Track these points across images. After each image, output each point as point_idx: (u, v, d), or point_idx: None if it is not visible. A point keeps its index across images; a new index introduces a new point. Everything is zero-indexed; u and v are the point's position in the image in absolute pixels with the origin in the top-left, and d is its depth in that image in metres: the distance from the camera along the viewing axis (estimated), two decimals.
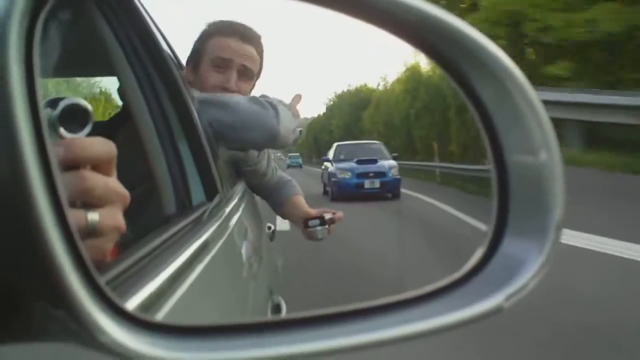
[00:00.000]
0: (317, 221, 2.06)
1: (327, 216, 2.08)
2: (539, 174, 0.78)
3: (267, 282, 1.70)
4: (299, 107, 2.06)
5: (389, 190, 9.52)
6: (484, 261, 0.81)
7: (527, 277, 0.74)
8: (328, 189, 10.28)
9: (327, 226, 2.07)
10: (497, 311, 0.72)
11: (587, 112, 17.87)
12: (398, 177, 9.53)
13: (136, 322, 0.63)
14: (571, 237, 7.60)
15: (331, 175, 10.06)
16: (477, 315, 0.71)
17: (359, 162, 9.71)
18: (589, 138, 19.89)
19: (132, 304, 0.68)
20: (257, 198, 2.22)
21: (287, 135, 1.94)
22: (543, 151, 0.77)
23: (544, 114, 0.76)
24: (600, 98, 18.46)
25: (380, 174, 9.57)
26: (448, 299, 0.75)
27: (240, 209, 1.66)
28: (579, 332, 4.61)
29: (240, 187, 1.78)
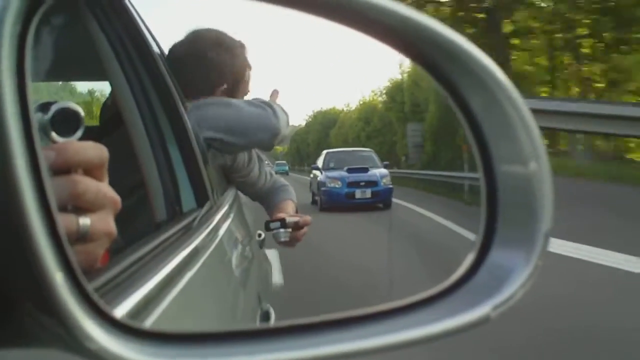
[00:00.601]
0: (277, 223, 2.05)
1: (291, 219, 2.06)
2: (528, 184, 0.78)
3: (256, 290, 1.70)
4: (278, 101, 2.11)
5: (380, 200, 9.22)
6: (472, 270, 0.81)
7: (514, 287, 0.74)
8: (317, 198, 9.90)
9: (289, 230, 2.05)
10: (484, 321, 0.72)
11: None
12: (390, 186, 9.30)
13: (124, 329, 0.62)
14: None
15: (320, 184, 9.70)
16: (464, 325, 0.71)
17: (350, 170, 9.47)
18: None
19: (120, 311, 0.68)
20: (249, 205, 2.23)
21: (285, 133, 1.98)
22: (532, 161, 0.77)
23: (533, 124, 0.77)
24: None
25: (371, 183, 9.33)
26: (435, 308, 0.75)
27: (231, 216, 1.66)
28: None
29: (230, 194, 1.78)
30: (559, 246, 7.51)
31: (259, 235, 2.23)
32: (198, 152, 1.55)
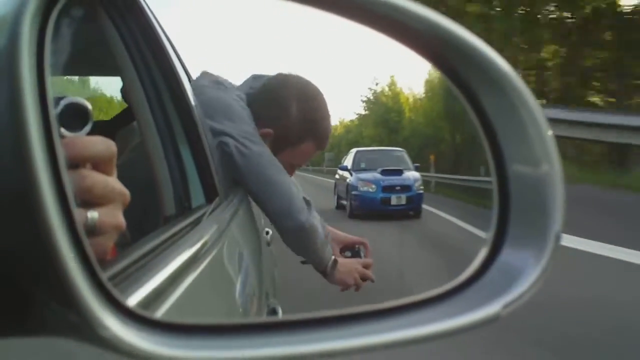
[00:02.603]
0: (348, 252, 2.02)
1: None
2: (539, 185, 0.79)
3: (264, 286, 1.70)
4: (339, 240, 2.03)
5: (413, 207, 8.33)
6: (482, 269, 0.81)
7: (525, 286, 0.75)
8: (344, 202, 8.84)
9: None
10: (494, 319, 0.73)
11: None
12: (421, 191, 8.32)
13: (137, 318, 0.63)
14: None
15: (351, 187, 8.60)
16: (474, 323, 0.72)
17: (384, 172, 8.46)
18: None
19: (132, 300, 0.69)
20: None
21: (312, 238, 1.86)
22: (544, 163, 0.78)
23: (546, 127, 0.77)
24: None
25: (406, 188, 8.33)
26: (446, 306, 0.76)
27: (239, 212, 1.66)
28: None
29: (240, 191, 1.78)
30: None
31: (267, 232, 2.23)
32: (207, 149, 1.55)
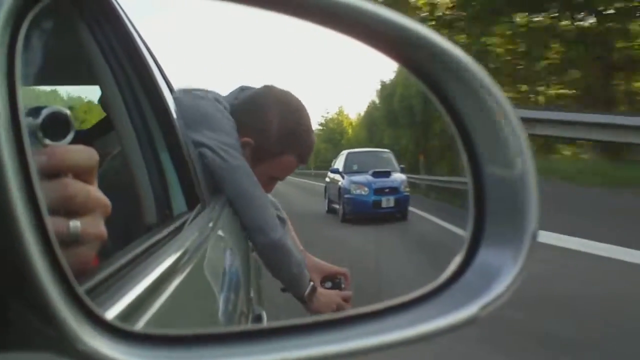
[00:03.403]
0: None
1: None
2: (514, 185, 0.79)
3: (248, 293, 1.70)
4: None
5: (401, 210, 8.12)
6: (460, 270, 0.82)
7: (502, 287, 0.75)
8: (336, 206, 8.59)
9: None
10: (472, 321, 0.73)
11: None
12: (408, 193, 8.21)
13: (115, 331, 0.63)
14: None
15: (344, 190, 8.34)
16: (452, 325, 0.72)
17: (375, 174, 8.27)
18: None
19: (112, 313, 0.68)
20: None
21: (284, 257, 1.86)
22: (518, 162, 0.78)
23: (519, 128, 0.77)
24: None
25: (394, 190, 8.17)
26: (424, 309, 0.76)
27: (222, 219, 1.66)
28: None
29: (221, 198, 1.78)
30: None
31: None
32: (188, 156, 1.55)
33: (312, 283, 1.94)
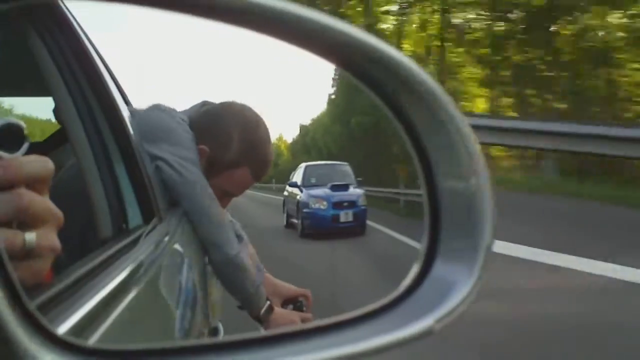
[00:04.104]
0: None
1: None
2: (469, 198, 0.80)
3: (205, 306, 1.69)
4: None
5: (359, 224, 7.92)
6: (416, 284, 0.82)
7: (457, 299, 0.76)
8: (295, 221, 8.23)
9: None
10: (427, 333, 0.74)
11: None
12: (365, 207, 7.97)
13: (67, 346, 0.62)
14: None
15: (302, 204, 8.00)
16: (407, 338, 0.73)
17: (333, 188, 7.95)
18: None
19: (64, 327, 0.68)
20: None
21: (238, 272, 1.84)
22: (473, 177, 0.79)
23: (473, 142, 0.78)
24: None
25: (352, 204, 7.91)
26: (380, 322, 0.76)
27: (178, 233, 1.65)
28: None
29: (178, 211, 1.77)
30: None
31: None
32: (144, 169, 1.54)
33: (268, 302, 1.93)
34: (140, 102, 1.93)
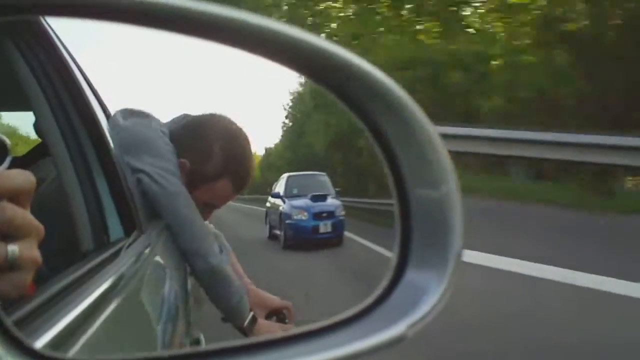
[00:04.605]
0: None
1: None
2: (439, 207, 0.81)
3: (187, 317, 1.69)
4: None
5: (337, 235, 7.50)
6: (388, 291, 0.83)
7: (428, 305, 0.77)
8: (278, 232, 7.81)
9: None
10: (400, 340, 0.75)
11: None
12: (343, 217, 7.98)
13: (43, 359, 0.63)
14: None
15: (285, 215, 7.64)
16: (381, 344, 0.74)
17: (314, 198, 8.03)
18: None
19: (43, 341, 0.68)
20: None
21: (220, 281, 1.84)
22: (443, 185, 0.81)
23: (443, 151, 0.80)
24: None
25: (330, 215, 7.93)
26: (353, 329, 0.78)
27: (160, 245, 1.65)
28: None
29: (159, 224, 1.77)
30: None
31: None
32: (125, 182, 1.54)
33: (252, 313, 1.93)
34: (121, 114, 1.92)
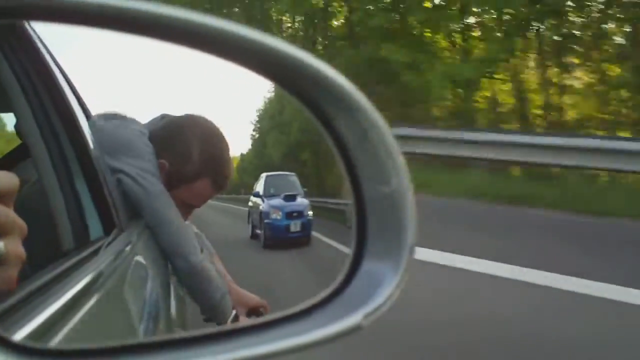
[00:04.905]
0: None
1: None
2: (391, 201, 0.85)
3: (168, 316, 1.71)
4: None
5: (305, 234, 8.12)
6: (345, 282, 0.87)
7: (383, 296, 0.81)
8: (259, 232, 8.45)
9: None
10: (356, 329, 0.79)
11: None
12: (311, 217, 7.95)
13: (25, 350, 0.66)
14: None
15: (264, 215, 8.01)
16: (337, 333, 0.78)
17: (286, 198, 7.87)
18: None
19: (22, 334, 0.71)
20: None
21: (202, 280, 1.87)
22: (394, 180, 0.84)
23: (395, 147, 0.84)
24: None
25: (300, 214, 7.86)
26: (311, 319, 0.81)
27: (140, 244, 1.68)
28: None
29: (140, 223, 1.79)
30: None
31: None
32: (104, 182, 1.57)
33: (234, 312, 1.96)
34: (101, 116, 1.95)
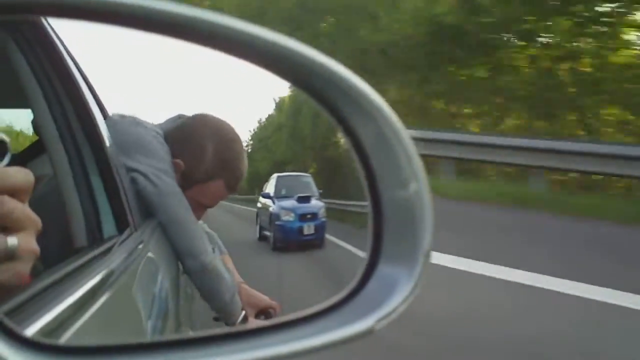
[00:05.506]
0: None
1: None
2: (409, 206, 0.84)
3: (177, 314, 1.71)
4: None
5: (319, 237, 8.04)
6: (360, 286, 0.87)
7: (397, 301, 0.80)
8: (267, 234, 8.33)
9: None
10: (368, 332, 0.78)
11: None
12: (325, 219, 7.90)
13: (35, 346, 0.66)
14: None
15: (274, 216, 7.89)
16: (350, 336, 0.77)
17: (299, 199, 7.83)
18: None
19: (33, 329, 0.71)
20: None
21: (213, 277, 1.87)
22: (412, 185, 0.84)
23: (414, 152, 0.83)
24: None
25: (314, 216, 7.80)
26: (324, 322, 0.81)
27: (152, 243, 1.68)
28: None
29: (153, 222, 1.80)
30: None
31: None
32: (119, 180, 1.57)
33: (244, 312, 1.96)
34: (118, 115, 1.95)
